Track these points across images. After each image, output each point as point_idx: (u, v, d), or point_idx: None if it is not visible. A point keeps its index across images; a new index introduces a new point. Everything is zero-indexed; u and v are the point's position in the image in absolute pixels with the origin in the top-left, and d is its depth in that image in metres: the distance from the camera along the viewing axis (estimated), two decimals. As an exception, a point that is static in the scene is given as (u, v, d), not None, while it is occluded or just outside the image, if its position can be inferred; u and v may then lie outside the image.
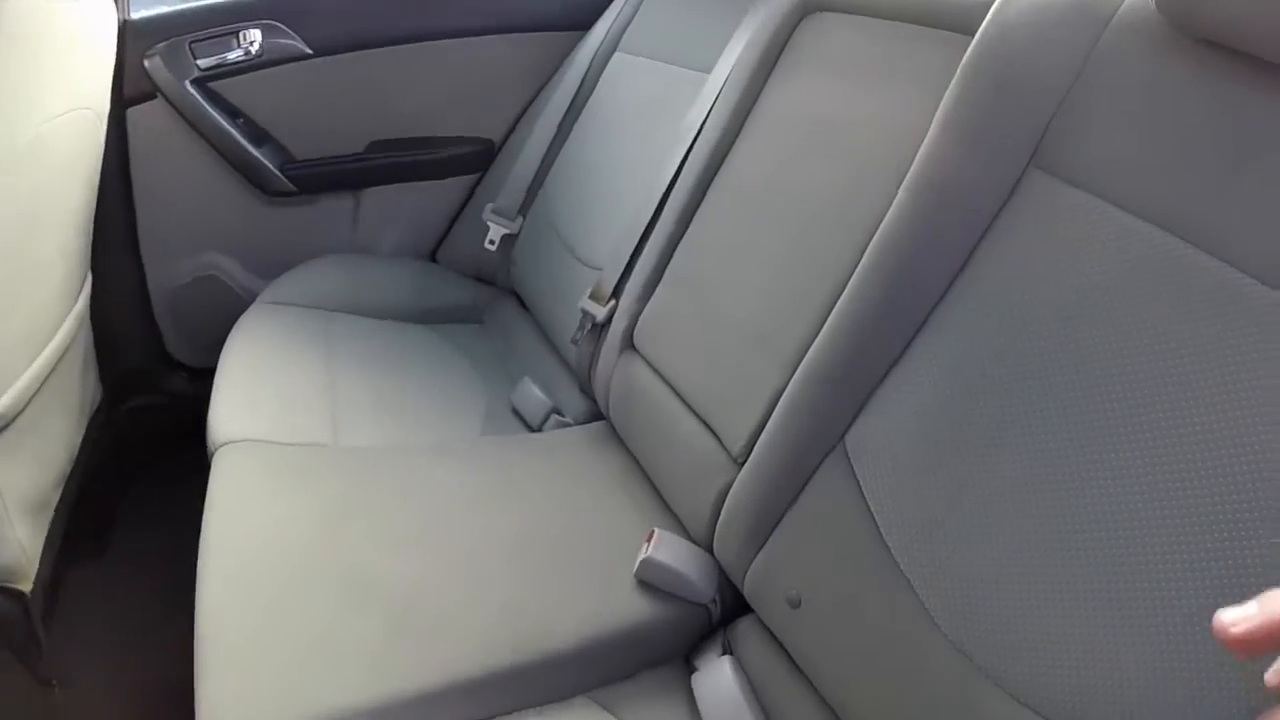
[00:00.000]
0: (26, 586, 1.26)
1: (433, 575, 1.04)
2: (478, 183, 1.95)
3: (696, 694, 1.01)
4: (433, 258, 2.02)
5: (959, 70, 0.84)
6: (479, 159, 1.93)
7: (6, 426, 1.20)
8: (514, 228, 1.80)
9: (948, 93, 0.86)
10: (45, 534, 1.35)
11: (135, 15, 1.66)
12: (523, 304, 1.82)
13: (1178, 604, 0.63)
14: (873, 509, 0.87)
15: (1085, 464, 0.70)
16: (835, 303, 0.94)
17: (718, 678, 1.01)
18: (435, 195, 1.94)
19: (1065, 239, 0.75)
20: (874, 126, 1.04)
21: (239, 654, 0.90)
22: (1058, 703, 0.69)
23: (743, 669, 1.02)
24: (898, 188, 0.90)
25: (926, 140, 0.87)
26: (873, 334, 0.90)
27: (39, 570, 1.30)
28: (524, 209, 1.81)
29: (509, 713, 0.94)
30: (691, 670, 1.06)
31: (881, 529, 0.85)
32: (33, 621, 1.28)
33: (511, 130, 1.92)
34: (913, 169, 0.88)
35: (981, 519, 0.77)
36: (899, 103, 1.00)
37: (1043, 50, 0.78)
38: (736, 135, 1.26)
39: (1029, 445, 0.75)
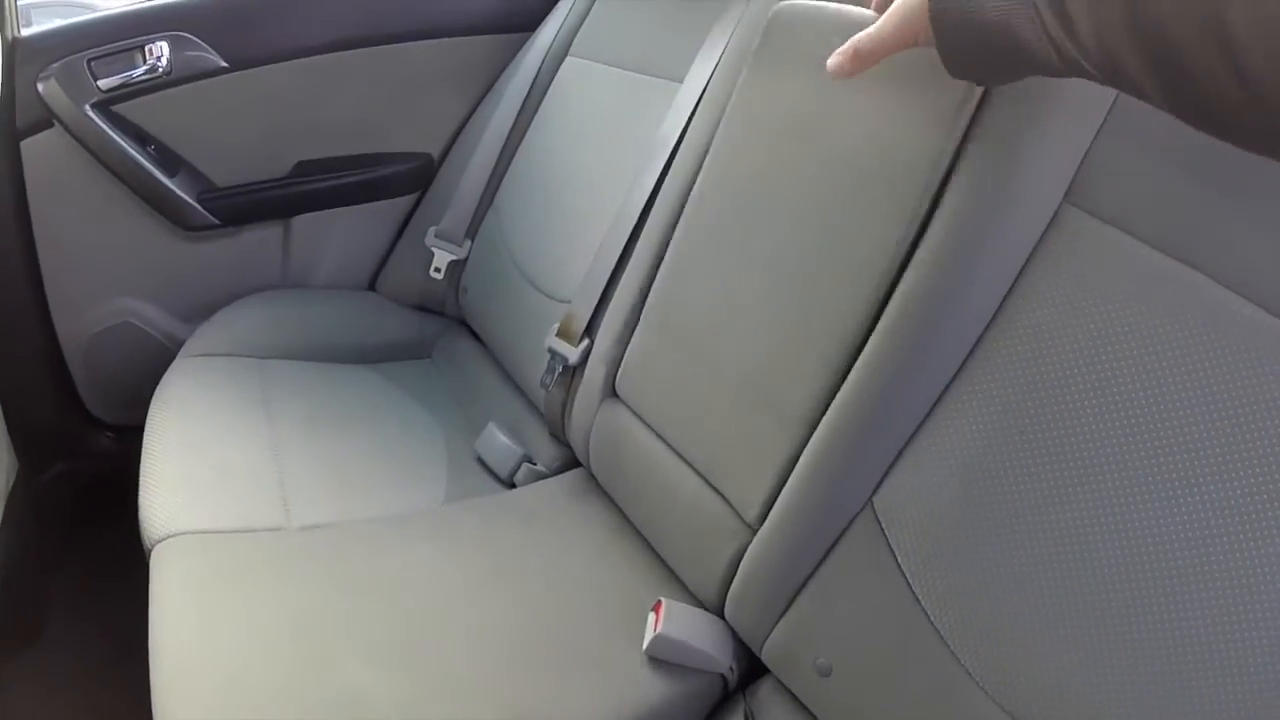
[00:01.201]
0: None
1: (425, 691, 0.94)
2: (417, 203, 1.85)
3: (725, 770, 0.98)
4: (371, 287, 1.91)
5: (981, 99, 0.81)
6: (417, 177, 1.82)
7: None
8: (461, 253, 1.71)
9: (973, 126, 0.81)
10: (-32, 638, 1.23)
11: (25, 33, 1.52)
12: (475, 336, 1.72)
13: (1241, 666, 0.63)
14: (908, 575, 0.84)
15: (1134, 523, 0.70)
16: (850, 353, 0.90)
17: (746, 752, 0.97)
18: (371, 219, 1.83)
19: (1101, 283, 0.74)
20: (876, 144, 0.94)
21: None
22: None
23: (769, 741, 0.98)
24: (908, 217, 0.85)
25: (956, 176, 0.82)
26: (900, 389, 0.85)
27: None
28: (471, 232, 1.71)
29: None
30: (713, 744, 1.02)
31: (919, 595, 0.83)
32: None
33: (452, 144, 1.82)
34: (941, 211, 0.83)
35: (1026, 583, 0.76)
36: (902, 118, 0.91)
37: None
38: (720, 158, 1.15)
39: (1074, 504, 0.73)
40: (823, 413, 0.91)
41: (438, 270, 1.71)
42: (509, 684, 0.97)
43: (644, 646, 1.02)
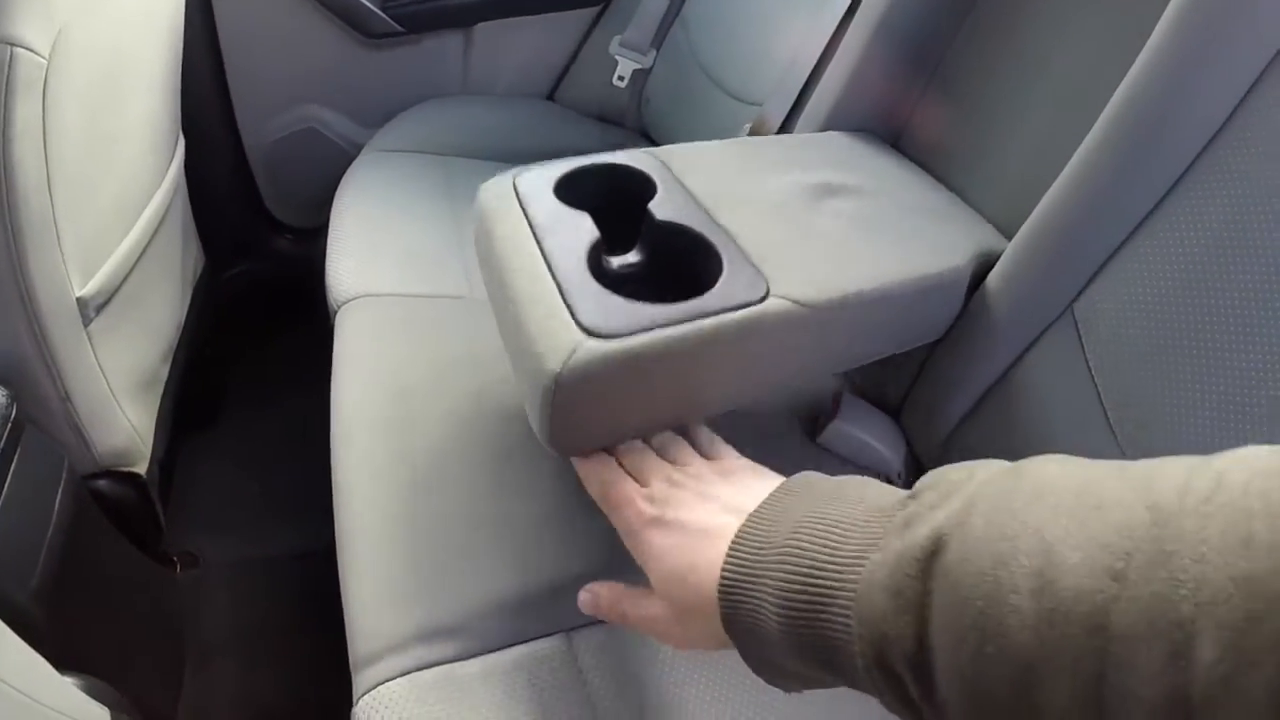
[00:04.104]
0: (142, 468, 1.23)
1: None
2: (600, 15, 1.84)
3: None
4: (550, 97, 1.93)
5: None
6: (600, -11, 1.82)
7: (106, 303, 1.15)
8: (646, 62, 1.69)
9: None
10: (156, 411, 1.32)
11: None
12: (656, 146, 1.71)
13: None
14: (1100, 389, 0.81)
15: None
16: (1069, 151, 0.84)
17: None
18: (552, 29, 1.84)
19: None
20: None
21: (394, 549, 0.86)
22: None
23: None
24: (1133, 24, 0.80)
25: None
26: (1115, 192, 0.80)
27: (153, 449, 1.27)
28: (657, 41, 1.70)
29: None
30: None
31: (1109, 411, 0.80)
32: (151, 503, 1.26)
33: (638, -45, 1.80)
34: (1169, 10, 0.76)
35: (1218, 413, 0.72)
36: None
37: None
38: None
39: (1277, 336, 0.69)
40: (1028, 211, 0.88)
41: (621, 79, 1.71)
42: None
43: (819, 436, 1.02)
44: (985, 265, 0.90)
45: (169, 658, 1.23)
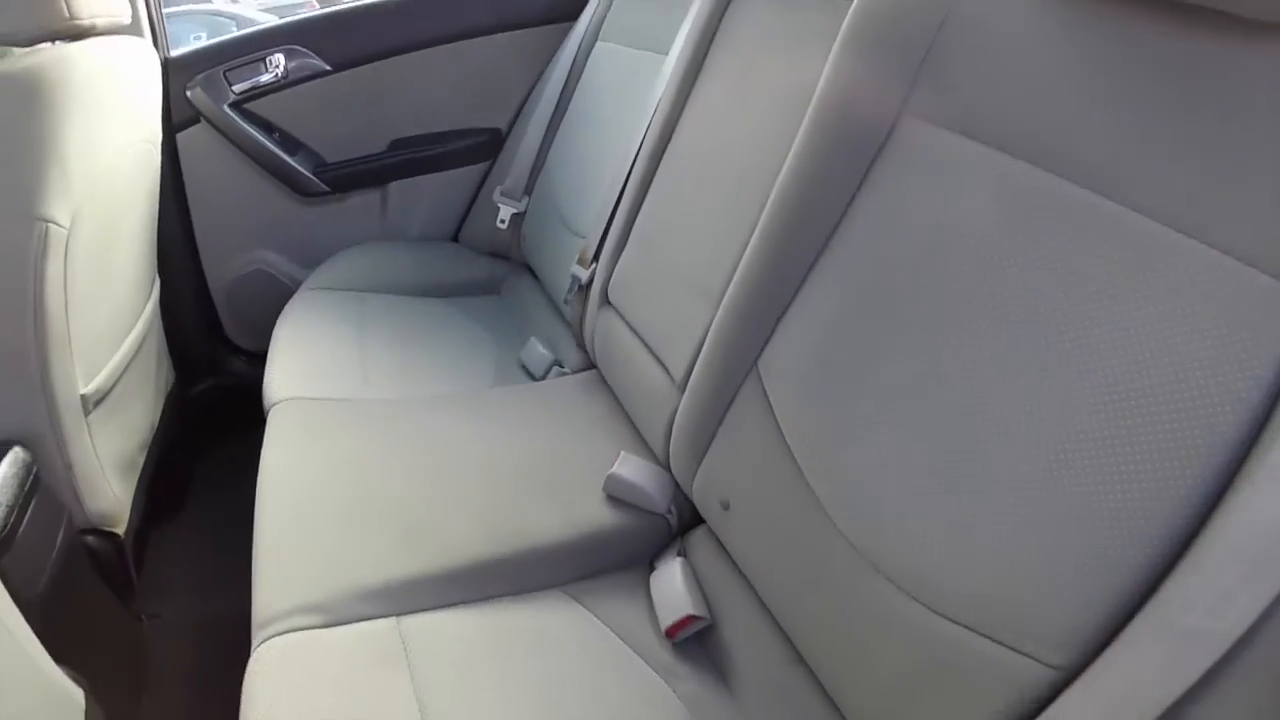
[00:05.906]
0: (121, 530, 1.54)
1: (437, 495, 1.28)
2: (490, 169, 2.24)
3: (651, 588, 1.21)
4: (455, 238, 2.32)
5: (844, 26, 0.96)
6: (489, 147, 2.22)
7: (101, 400, 1.49)
8: (521, 207, 2.07)
9: (835, 46, 0.97)
10: (134, 489, 1.64)
11: (175, 53, 1.99)
12: (534, 274, 2.07)
13: (1037, 491, 0.71)
14: (780, 421, 1.01)
15: (955, 368, 0.80)
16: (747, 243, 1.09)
17: (669, 574, 1.20)
18: (453, 183, 2.23)
19: (930, 173, 0.87)
20: (783, 90, 1.17)
21: (288, 553, 1.16)
22: (934, 589, 0.79)
23: (691, 568, 1.21)
24: (786, 134, 1.04)
25: (819, 89, 0.98)
26: (778, 265, 1.03)
27: (130, 518, 1.58)
28: (529, 189, 2.07)
29: (494, 597, 1.16)
30: (651, 571, 1.25)
31: (787, 438, 0.99)
32: (126, 562, 1.56)
33: (515, 119, 2.20)
34: (806, 118, 1.00)
35: (866, 423, 0.89)
36: (803, 67, 1.10)
37: (907, 6, 0.89)
38: (682, 110, 1.45)
39: (906, 355, 0.86)
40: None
41: (503, 222, 2.07)
42: (497, 495, 1.29)
43: (603, 485, 1.30)
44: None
45: (132, 669, 1.53)
